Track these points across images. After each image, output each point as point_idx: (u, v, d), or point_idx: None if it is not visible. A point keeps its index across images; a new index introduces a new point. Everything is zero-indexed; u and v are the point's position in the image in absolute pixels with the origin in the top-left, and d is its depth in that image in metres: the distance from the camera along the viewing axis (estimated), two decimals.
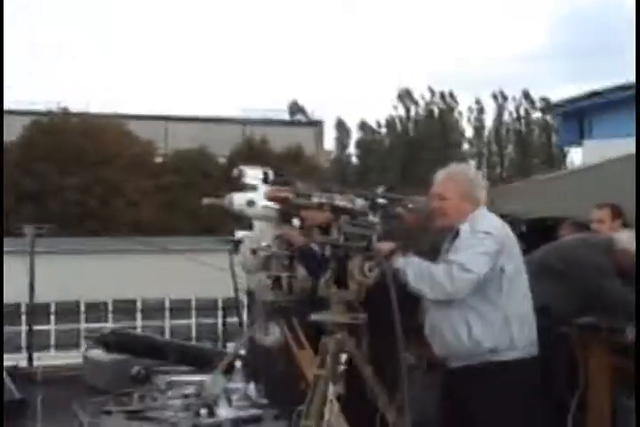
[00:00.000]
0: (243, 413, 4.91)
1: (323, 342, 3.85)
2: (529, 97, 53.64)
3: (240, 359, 5.42)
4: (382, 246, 3.87)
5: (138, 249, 23.14)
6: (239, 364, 5.38)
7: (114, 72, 71.87)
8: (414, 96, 53.19)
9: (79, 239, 25.15)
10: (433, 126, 51.95)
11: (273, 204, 4.03)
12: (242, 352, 5.49)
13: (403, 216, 4.07)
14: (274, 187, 4.00)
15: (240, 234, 4.54)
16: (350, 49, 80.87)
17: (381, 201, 3.91)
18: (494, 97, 54.07)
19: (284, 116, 47.05)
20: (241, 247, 4.51)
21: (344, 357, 3.81)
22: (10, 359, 9.42)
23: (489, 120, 54.41)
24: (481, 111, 54.24)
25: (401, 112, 53.28)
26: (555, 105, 15.90)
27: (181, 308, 25.08)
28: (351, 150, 54.61)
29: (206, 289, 20.59)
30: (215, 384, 4.84)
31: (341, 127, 54.02)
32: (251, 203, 4.13)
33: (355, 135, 54.26)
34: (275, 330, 4.47)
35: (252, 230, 4.45)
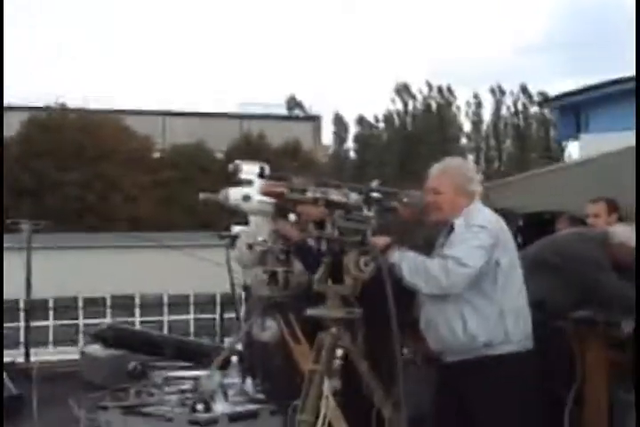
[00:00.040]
0: (239, 408, 4.93)
1: (318, 337, 3.85)
2: (527, 91, 53.71)
3: (236, 355, 5.43)
4: (378, 241, 3.86)
5: (136, 245, 23.12)
6: (235, 359, 5.38)
7: (111, 67, 71.89)
8: (412, 90, 53.28)
9: (76, 235, 25.12)
10: (431, 121, 51.93)
11: (268, 198, 4.03)
12: (238, 347, 5.49)
13: (398, 210, 4.05)
14: (269, 182, 3.99)
15: (236, 229, 4.54)
16: (348, 43, 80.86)
17: (376, 195, 3.90)
18: (492, 91, 54.16)
19: (282, 110, 47.00)
20: (237, 242, 4.51)
21: (340, 352, 3.81)
22: (7, 355, 9.39)
23: (487, 114, 54.51)
24: (479, 106, 54.30)
25: (399, 106, 53.37)
26: (551, 99, 15.88)
27: (180, 303, 25.06)
28: (349, 145, 54.72)
29: (205, 284, 20.55)
30: (211, 380, 4.84)
31: (339, 122, 54.04)
32: (246, 198, 4.12)
33: (352, 130, 54.36)
34: (271, 325, 4.47)
35: (248, 225, 4.45)
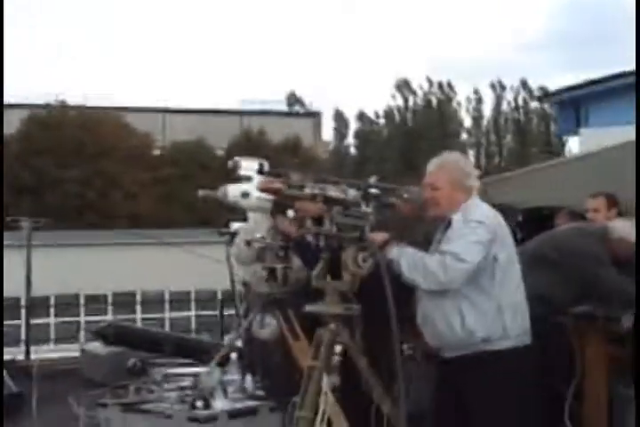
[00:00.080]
0: (238, 404, 4.92)
1: (317, 333, 3.85)
2: (527, 86, 53.66)
3: (236, 351, 5.43)
4: (376, 237, 3.86)
5: (136, 242, 23.13)
6: (235, 356, 5.38)
7: (111, 65, 71.75)
8: (412, 86, 53.26)
9: (77, 232, 25.13)
10: (431, 116, 51.90)
11: (267, 195, 4.02)
12: (238, 344, 5.49)
13: (397, 206, 4.05)
14: (267, 178, 3.99)
15: (236, 226, 4.54)
16: (348, 39, 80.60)
17: (374, 191, 3.89)
18: (492, 87, 54.11)
19: (282, 107, 46.98)
20: (235, 239, 4.51)
21: (338, 348, 3.80)
22: (7, 353, 9.39)
23: (487, 110, 54.47)
24: (479, 101, 54.26)
25: (399, 102, 53.34)
26: (551, 94, 15.85)
27: (181, 300, 25.09)
28: (349, 141, 54.70)
29: (205, 281, 20.57)
30: (211, 376, 4.84)
31: (339, 118, 54.00)
32: (245, 194, 4.12)
33: (353, 126, 54.35)
34: (271, 322, 4.47)
35: (247, 222, 4.45)
